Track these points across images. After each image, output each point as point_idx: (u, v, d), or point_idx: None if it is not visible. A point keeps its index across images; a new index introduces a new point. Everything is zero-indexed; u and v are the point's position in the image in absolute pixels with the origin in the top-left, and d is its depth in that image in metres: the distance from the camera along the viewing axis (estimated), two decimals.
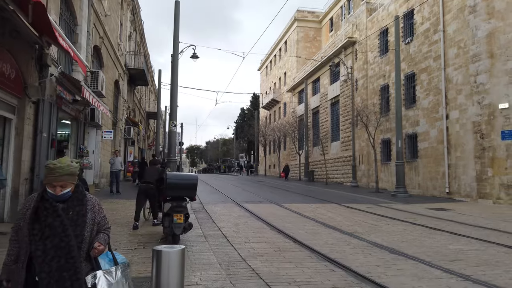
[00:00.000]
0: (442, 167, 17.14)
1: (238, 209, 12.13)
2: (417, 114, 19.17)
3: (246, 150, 72.70)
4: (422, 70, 18.80)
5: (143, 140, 34.61)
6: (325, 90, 31.20)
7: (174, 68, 16.46)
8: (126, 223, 8.79)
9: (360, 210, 12.42)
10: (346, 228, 8.98)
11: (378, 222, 10.04)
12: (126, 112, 22.38)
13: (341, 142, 27.72)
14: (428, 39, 18.42)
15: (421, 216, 11.42)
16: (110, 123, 17.86)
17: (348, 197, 17.70)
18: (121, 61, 20.21)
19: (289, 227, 8.96)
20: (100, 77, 12.36)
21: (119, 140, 20.75)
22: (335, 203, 14.46)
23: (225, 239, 7.38)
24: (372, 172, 23.35)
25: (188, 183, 6.48)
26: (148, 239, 7.16)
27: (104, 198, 13.84)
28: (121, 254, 6.03)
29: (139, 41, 26.75)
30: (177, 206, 6.52)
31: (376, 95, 23.05)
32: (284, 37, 45.40)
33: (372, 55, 23.75)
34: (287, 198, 16.41)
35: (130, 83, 23.67)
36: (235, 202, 14.12)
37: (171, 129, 16.38)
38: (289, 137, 36.90)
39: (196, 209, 11.93)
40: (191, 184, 6.50)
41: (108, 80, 17.02)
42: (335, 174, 28.50)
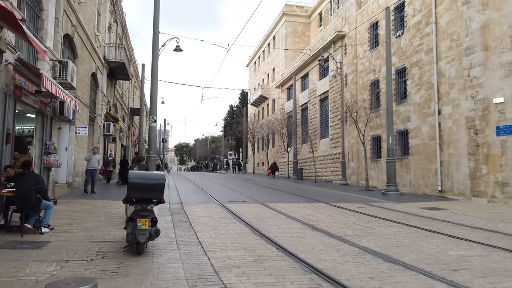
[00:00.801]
0: (434, 164, 16.53)
1: (220, 210, 11.29)
2: (408, 110, 18.55)
3: (235, 148, 71.86)
4: (414, 64, 18.17)
5: (126, 138, 33.47)
6: (314, 86, 30.49)
7: (154, 59, 15.50)
8: (92, 227, 7.88)
9: (350, 210, 11.69)
10: (335, 231, 8.21)
11: (369, 223, 9.31)
12: (105, 107, 21.31)
13: (330, 139, 27.05)
14: (420, 31, 17.78)
15: (414, 216, 10.73)
16: (86, 118, 16.82)
17: (338, 195, 16.99)
18: (99, 53, 19.14)
19: (273, 230, 8.16)
20: (69, 67, 11.36)
21: (98, 136, 19.70)
22: (324, 203, 13.72)
23: (199, 246, 6.54)
24: (362, 169, 22.71)
25: (153, 183, 5.61)
26: (112, 246, 6.28)
27: (76, 198, 12.87)
28: (73, 266, 5.13)
29: (120, 34, 25.64)
30: (142, 209, 5.65)
31: (366, 90, 22.39)
32: (272, 32, 44.56)
33: (362, 49, 23.08)
34: (274, 197, 15.63)
35: (110, 77, 22.59)
36: (218, 202, 13.28)
37: (151, 124, 15.44)
38: (278, 134, 36.14)
39: (174, 210, 11.06)
40: (157, 184, 5.63)
41: (83, 72, 15.99)
42: (324, 172, 27.83)
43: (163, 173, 5.94)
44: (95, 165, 13.96)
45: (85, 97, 16.45)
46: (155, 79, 15.38)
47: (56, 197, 12.41)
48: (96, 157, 14.22)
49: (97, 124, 19.47)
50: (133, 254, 5.70)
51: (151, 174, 5.92)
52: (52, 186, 12.04)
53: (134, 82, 37.68)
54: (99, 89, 19.70)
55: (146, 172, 6.10)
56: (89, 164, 13.92)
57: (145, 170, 11.15)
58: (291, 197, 15.81)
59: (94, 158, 14.06)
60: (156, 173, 5.99)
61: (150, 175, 5.88)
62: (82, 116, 15.89)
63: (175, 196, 15.25)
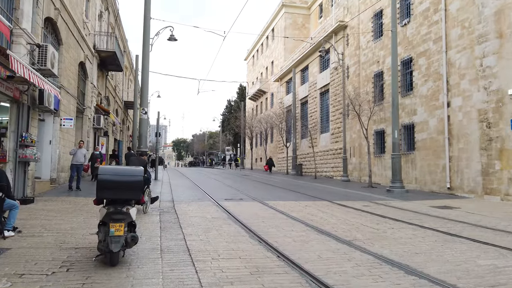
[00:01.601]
0: (442, 159, 15.61)
1: (215, 209, 10.34)
2: (414, 103, 17.59)
3: (233, 143, 70.91)
4: (421, 54, 17.19)
5: (120, 132, 32.43)
6: (314, 78, 29.49)
7: (145, 46, 14.51)
8: (67, 230, 6.92)
9: (356, 209, 10.76)
10: (343, 234, 7.28)
11: (379, 225, 8.37)
12: (96, 99, 20.28)
13: (331, 134, 26.10)
14: (428, 19, 16.79)
15: (426, 216, 9.82)
16: (73, 109, 15.81)
17: (340, 193, 16.08)
18: (88, 42, 18.08)
19: (272, 233, 7.22)
20: (49, 52, 10.33)
21: (87, 130, 18.69)
22: (326, 201, 12.79)
23: (187, 254, 5.58)
24: (364, 165, 21.81)
25: (129, 180, 4.64)
26: (83, 254, 5.32)
27: (58, 195, 11.89)
28: (27, 282, 4.14)
29: (112, 23, 24.54)
30: (115, 212, 4.69)
31: (369, 82, 21.42)
32: (271, 24, 43.44)
33: (365, 39, 22.08)
34: (272, 195, 14.70)
35: (101, 67, 21.53)
36: (213, 200, 12.33)
37: (142, 117, 14.48)
38: (276, 129, 35.17)
39: (164, 209, 10.11)
40: (133, 182, 4.67)
41: (69, 60, 14.96)
42: (324, 167, 26.91)
43: (140, 168, 4.96)
44: (81, 160, 12.97)
45: (71, 87, 15.43)
46: (146, 68, 14.39)
47: (37, 194, 11.46)
48: (82, 151, 13.21)
49: (86, 116, 18.45)
50: (105, 266, 4.75)
51: (126, 170, 4.92)
52: (31, 182, 11.07)
53: (128, 75, 36.59)
54: (88, 79, 18.66)
55: (120, 167, 5.10)
56: (74, 158, 12.93)
57: None
58: (291, 194, 14.89)
59: (79, 152, 13.06)
60: (132, 168, 5.00)
61: (125, 170, 4.88)
62: (68, 107, 14.87)
63: (168, 193, 14.30)
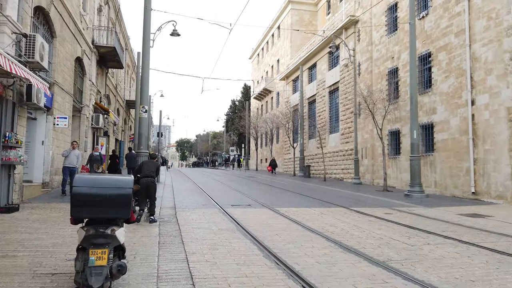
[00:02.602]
0: (466, 162, 14.45)
1: (221, 218, 9.26)
2: (433, 101, 16.43)
3: (237, 144, 69.91)
4: (441, 48, 16.03)
5: (122, 132, 31.44)
6: (322, 76, 28.35)
7: (145, 40, 13.47)
8: (48, 247, 5.86)
9: (378, 218, 9.65)
10: (373, 251, 6.18)
11: (411, 239, 7.25)
12: (95, 97, 19.27)
13: (341, 134, 24.95)
14: (449, 11, 15.63)
15: (459, 227, 8.69)
16: (69, 108, 14.78)
17: (354, 197, 14.96)
18: (86, 36, 17.06)
19: (290, 251, 6.12)
20: (38, 43, 9.30)
21: (85, 129, 17.67)
22: (342, 207, 11.68)
23: (189, 283, 4.50)
24: (377, 167, 20.67)
25: (113, 194, 3.56)
26: (60, 284, 4.24)
27: (49, 201, 10.84)
28: None
29: (113, 18, 23.53)
30: (96, 235, 3.61)
31: (383, 80, 20.27)
32: (277, 22, 42.33)
33: (378, 34, 20.93)
34: (282, 200, 13.61)
35: (100, 64, 20.52)
36: (219, 206, 11.25)
37: (141, 115, 13.43)
38: (283, 129, 34.05)
39: (164, 217, 9.04)
40: (119, 196, 3.58)
41: (64, 54, 13.93)
42: (334, 169, 25.77)
43: (129, 178, 3.86)
44: (74, 162, 11.91)
45: (67, 84, 14.41)
46: (146, 62, 13.36)
47: (26, 200, 10.44)
48: (75, 152, 12.14)
49: (84, 115, 17.43)
50: None
51: (110, 180, 3.80)
52: (19, 187, 10.04)
53: (130, 73, 35.63)
54: (86, 76, 17.65)
55: (102, 177, 3.98)
56: (67, 160, 11.88)
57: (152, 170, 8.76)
58: (302, 199, 13.78)
59: (72, 154, 12.00)
60: (117, 178, 3.89)
61: (108, 181, 3.77)
62: (62, 105, 13.85)
63: (170, 197, 13.24)
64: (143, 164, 8.85)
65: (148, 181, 8.41)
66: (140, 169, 8.72)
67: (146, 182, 8.39)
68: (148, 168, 8.59)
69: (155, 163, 9.01)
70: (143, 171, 8.54)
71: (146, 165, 8.69)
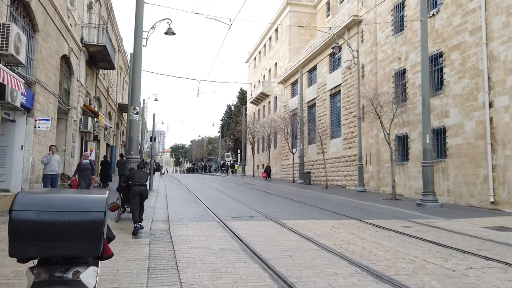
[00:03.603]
0: (483, 169, 13.42)
1: (221, 233, 8.08)
2: (445, 103, 15.43)
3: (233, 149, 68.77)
4: (454, 47, 15.06)
5: (113, 137, 30.16)
6: (323, 79, 27.35)
7: (138, 35, 12.33)
8: (7, 279, 4.66)
9: (398, 233, 8.53)
10: (409, 279, 5.05)
11: (448, 261, 6.14)
12: (84, 99, 18.06)
13: (343, 139, 23.89)
14: (462, 8, 14.68)
15: (494, 244, 7.60)
16: (53, 109, 13.57)
17: (363, 207, 13.85)
18: (74, 33, 15.90)
19: (310, 279, 4.98)
20: (13, 33, 8.14)
21: (73, 133, 16.44)
22: (354, 219, 10.55)
23: None
24: (383, 174, 19.61)
25: (74, 221, 2.37)
26: None
27: None
28: None
29: (105, 17, 22.38)
30: (51, 281, 2.44)
31: (389, 82, 19.28)
32: (275, 24, 41.38)
33: (383, 34, 19.97)
34: (286, 210, 12.45)
35: (90, 64, 19.34)
36: (217, 218, 10.08)
37: (132, 117, 12.25)
38: (281, 134, 32.98)
39: (156, 233, 7.85)
40: (83, 223, 2.39)
41: (48, 51, 12.76)
42: (335, 176, 24.67)
43: (101, 196, 2.65)
44: (55, 169, 10.65)
45: (51, 83, 13.21)
46: (138, 59, 12.23)
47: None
48: (55, 157, 10.88)
49: (71, 118, 16.21)
50: None
51: (71, 200, 2.53)
52: None
53: (123, 76, 34.42)
54: (74, 76, 16.45)
55: (57, 196, 2.71)
56: (48, 167, 10.63)
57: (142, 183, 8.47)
58: (307, 210, 12.64)
59: (53, 160, 10.74)
60: (82, 197, 2.66)
61: (68, 200, 2.52)
62: (45, 107, 12.64)
63: (163, 207, 12.04)
64: (134, 173, 8.61)
65: (142, 189, 8.31)
66: (131, 178, 8.51)
67: (140, 190, 8.25)
68: (140, 177, 8.47)
69: (145, 172, 8.96)
70: (135, 180, 8.37)
71: (138, 174, 8.53)
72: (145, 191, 8.43)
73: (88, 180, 11.66)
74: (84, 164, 11.89)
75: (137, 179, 8.41)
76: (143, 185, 8.40)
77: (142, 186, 8.37)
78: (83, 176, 11.64)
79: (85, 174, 11.67)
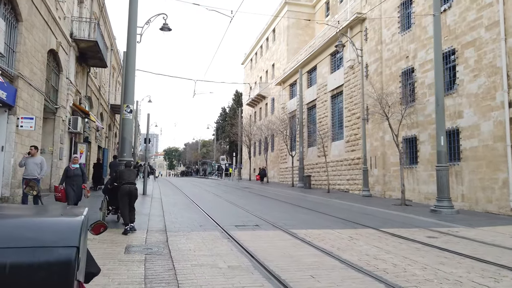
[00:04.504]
0: (502, 172, 12.56)
1: (228, 246, 7.06)
2: (459, 103, 14.59)
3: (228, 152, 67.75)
4: (468, 44, 14.24)
5: (106, 138, 28.97)
6: (323, 80, 26.47)
7: (131, 25, 11.31)
8: None
9: (426, 245, 7.57)
10: None
11: (500, 282, 5.19)
12: (73, 98, 16.94)
13: (346, 142, 22.98)
14: (477, 2, 13.87)
15: None
16: (39, 107, 12.47)
17: (374, 213, 12.92)
18: (63, 27, 14.83)
19: None
20: None
21: (61, 134, 15.32)
22: (370, 228, 9.60)
23: None
24: (389, 178, 18.72)
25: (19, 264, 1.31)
26: None
27: None
28: None
29: (97, 13, 21.29)
30: None
31: (395, 82, 18.42)
32: (272, 24, 40.56)
33: (389, 32, 19.14)
34: (293, 217, 11.46)
35: (80, 61, 18.24)
36: (220, 227, 9.06)
37: (125, 116, 11.19)
38: (279, 137, 32.03)
39: (152, 247, 6.81)
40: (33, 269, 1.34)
41: (33, 43, 11.68)
42: (337, 180, 23.74)
43: (74, 219, 1.63)
44: (34, 173, 9.45)
45: (36, 79, 12.12)
46: (132, 52, 11.21)
47: None
48: (35, 160, 9.59)
49: (59, 118, 15.10)
50: None
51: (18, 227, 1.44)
52: None
53: (116, 76, 33.27)
54: (63, 73, 15.36)
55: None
56: (26, 171, 9.47)
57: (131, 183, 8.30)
58: (316, 217, 11.66)
59: (31, 162, 9.50)
60: (36, 221, 1.61)
61: (12, 228, 1.43)
62: (30, 104, 11.54)
63: (159, 215, 10.99)
64: (123, 172, 8.38)
65: (132, 188, 8.11)
66: (120, 177, 8.28)
67: (130, 188, 8.05)
68: (129, 176, 8.32)
69: (134, 170, 8.90)
70: (124, 178, 8.18)
71: (127, 173, 8.35)
72: (134, 190, 8.24)
73: (78, 189, 9.43)
74: (73, 169, 9.53)
75: (126, 177, 8.21)
76: (132, 184, 8.19)
77: (132, 184, 8.17)
78: (72, 183, 9.38)
79: (74, 182, 9.40)
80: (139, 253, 6.30)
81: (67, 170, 9.58)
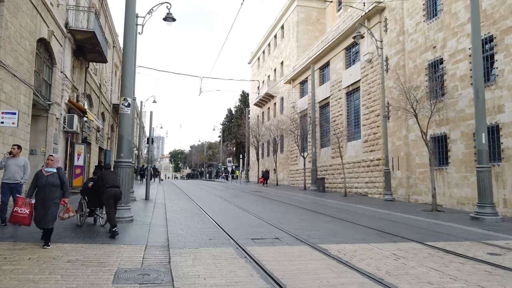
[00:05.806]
0: None
1: (245, 270, 5.52)
2: (499, 96, 12.97)
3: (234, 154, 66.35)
4: (508, 29, 12.63)
5: (108, 139, 27.59)
6: (338, 76, 24.89)
7: (129, 9, 9.88)
8: None
9: (498, 267, 6.00)
10: None
11: None
12: (69, 94, 15.54)
13: (364, 141, 21.37)
14: None
15: None
16: (25, 102, 11.03)
17: (405, 221, 11.32)
18: (56, 15, 13.44)
19: None
20: None
21: (55, 133, 13.91)
22: (414, 241, 8.02)
23: None
24: (414, 181, 17.08)
25: None
26: None
27: None
28: None
29: (97, 6, 19.91)
30: None
31: (421, 75, 16.82)
32: (281, 21, 39.05)
33: (413, 21, 17.54)
34: (315, 226, 9.90)
35: (78, 55, 16.85)
36: (233, 241, 7.53)
37: (123, 110, 9.74)
38: (289, 137, 30.48)
39: (151, 271, 5.29)
40: None
41: (19, 29, 10.27)
42: (354, 182, 22.12)
43: None
44: (15, 176, 7.97)
45: (23, 69, 10.70)
46: (130, 39, 9.76)
47: None
48: (17, 161, 8.09)
49: (53, 115, 13.69)
50: None
51: None
52: None
53: (119, 74, 31.93)
54: (56, 66, 13.96)
55: None
56: (6, 174, 8.01)
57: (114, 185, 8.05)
58: (344, 226, 10.09)
59: (13, 164, 8.01)
60: None
61: None
62: (14, 97, 10.11)
63: (161, 224, 9.47)
64: (105, 175, 8.16)
65: (117, 191, 8.04)
66: (103, 180, 8.03)
67: (115, 192, 7.95)
68: (113, 179, 8.18)
69: (116, 172, 8.92)
70: (108, 182, 7.98)
71: (110, 176, 8.22)
72: (119, 193, 8.15)
73: (53, 205, 6.38)
74: (46, 175, 6.43)
75: (110, 180, 8.04)
76: (117, 187, 8.07)
77: (116, 188, 8.05)
78: (44, 196, 6.32)
79: (46, 194, 6.33)
80: (131, 283, 4.78)
81: (37, 176, 6.48)
